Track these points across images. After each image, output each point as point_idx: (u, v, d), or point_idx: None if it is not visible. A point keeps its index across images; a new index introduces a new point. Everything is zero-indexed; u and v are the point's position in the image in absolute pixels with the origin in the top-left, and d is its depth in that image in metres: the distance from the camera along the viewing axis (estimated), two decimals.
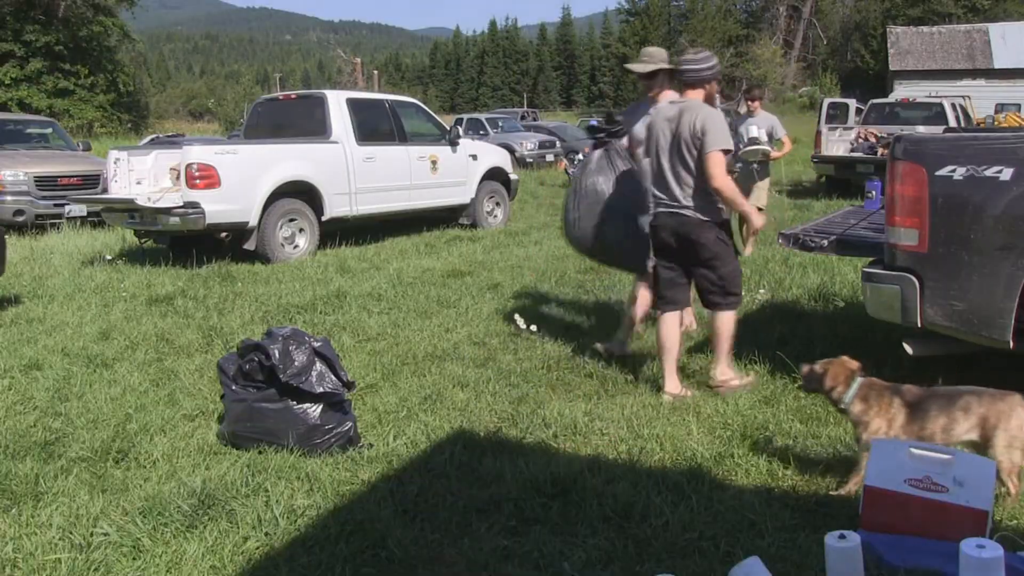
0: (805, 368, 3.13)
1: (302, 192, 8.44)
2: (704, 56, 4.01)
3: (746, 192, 7.81)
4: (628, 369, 4.34)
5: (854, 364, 3.00)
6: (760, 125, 7.91)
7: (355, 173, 8.87)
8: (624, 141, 4.60)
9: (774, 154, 7.92)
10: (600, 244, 4.48)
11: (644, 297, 4.65)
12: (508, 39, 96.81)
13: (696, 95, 3.92)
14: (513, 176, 11.18)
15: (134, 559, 2.53)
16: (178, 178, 8.04)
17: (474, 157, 10.39)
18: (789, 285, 6.18)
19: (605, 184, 4.39)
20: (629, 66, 4.64)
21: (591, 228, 4.43)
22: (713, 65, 3.98)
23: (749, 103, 8.47)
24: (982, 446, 2.75)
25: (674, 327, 4.07)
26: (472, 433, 3.52)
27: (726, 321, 4.01)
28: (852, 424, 2.97)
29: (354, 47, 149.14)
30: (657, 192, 3.99)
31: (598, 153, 4.48)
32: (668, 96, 4.45)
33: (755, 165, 7.76)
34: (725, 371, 4.02)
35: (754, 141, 7.68)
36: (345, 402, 3.42)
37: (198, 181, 7.59)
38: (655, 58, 4.51)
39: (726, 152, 3.80)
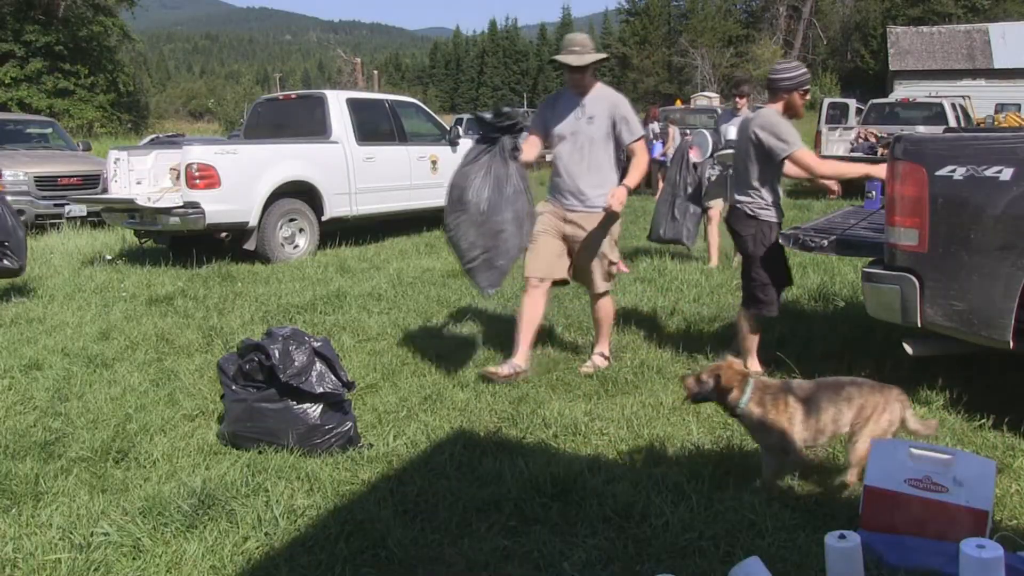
0: (689, 379, 2.94)
1: (302, 192, 8.45)
2: (785, 67, 4.10)
3: (715, 194, 7.26)
4: (628, 369, 4.34)
5: (741, 365, 2.94)
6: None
7: (355, 173, 8.88)
8: (525, 135, 4.17)
9: None
10: (455, 245, 3.97)
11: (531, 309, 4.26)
12: (508, 39, 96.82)
13: (775, 104, 4.06)
14: None
15: (134, 559, 2.53)
16: (178, 178, 8.04)
17: None
18: None
19: (475, 179, 3.83)
20: (561, 58, 4.07)
21: (450, 223, 3.93)
22: (792, 76, 4.02)
23: (736, 99, 7.54)
24: (850, 433, 2.85)
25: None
26: (472, 433, 3.52)
27: (748, 323, 4.22)
28: (750, 429, 2.91)
29: (354, 47, 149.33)
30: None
31: (481, 146, 3.91)
32: (597, 89, 4.20)
33: (730, 171, 6.66)
34: (750, 363, 4.19)
35: (731, 144, 6.68)
36: (345, 402, 3.42)
37: (198, 181, 7.59)
38: (587, 47, 4.10)
39: (802, 149, 3.97)
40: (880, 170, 3.95)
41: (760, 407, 2.82)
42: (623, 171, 4.25)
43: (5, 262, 6.00)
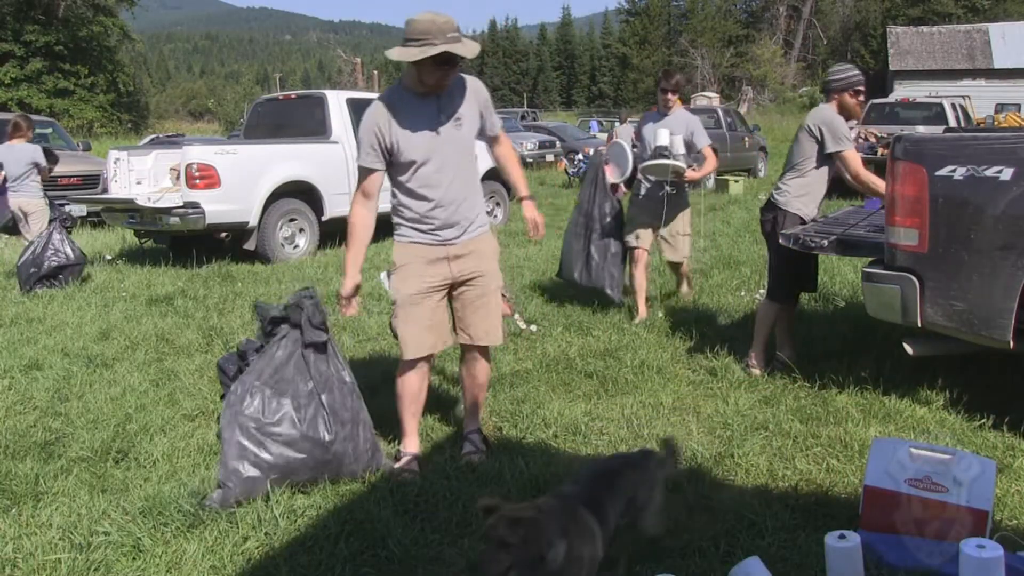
0: (493, 557, 1.94)
1: (302, 192, 8.45)
2: (835, 69, 4.26)
3: (642, 223, 5.43)
4: (628, 369, 4.34)
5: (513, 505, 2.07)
6: (674, 129, 5.20)
7: (355, 173, 8.86)
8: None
9: (691, 174, 5.12)
10: None
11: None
12: (508, 39, 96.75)
13: (829, 104, 4.18)
14: None
15: (134, 559, 2.53)
16: (178, 178, 8.05)
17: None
18: None
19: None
20: (454, 49, 2.83)
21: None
22: (840, 78, 4.15)
23: (668, 95, 5.33)
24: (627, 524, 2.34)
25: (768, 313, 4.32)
26: None
27: (762, 308, 4.37)
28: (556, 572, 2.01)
29: (354, 47, 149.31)
30: None
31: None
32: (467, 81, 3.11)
33: (668, 188, 5.24)
34: (752, 356, 4.29)
35: (660, 151, 5.08)
36: None
37: (198, 181, 7.60)
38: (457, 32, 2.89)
39: (850, 150, 4.08)
40: None
41: (565, 537, 2.05)
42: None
43: (64, 287, 6.84)
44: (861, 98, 4.20)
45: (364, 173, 3.08)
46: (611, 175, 5.66)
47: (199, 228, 7.67)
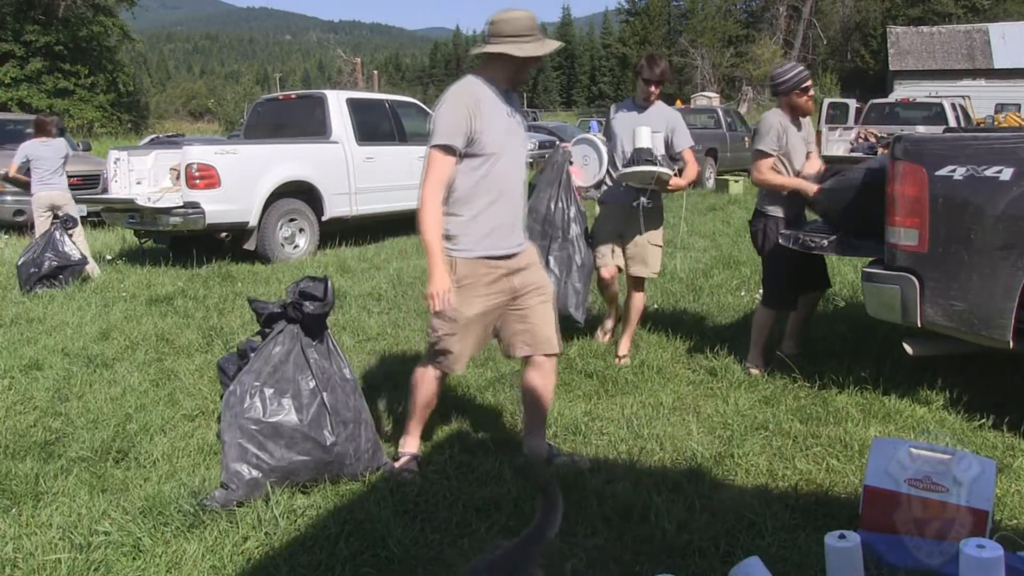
0: None
1: (302, 192, 8.45)
2: (778, 72, 4.22)
3: (609, 238, 4.58)
4: (628, 369, 4.34)
5: None
6: (655, 126, 4.33)
7: (355, 173, 8.88)
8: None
9: (676, 181, 4.30)
10: None
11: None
12: None
13: (778, 108, 4.21)
14: None
15: (134, 559, 2.53)
16: (178, 178, 8.05)
17: None
18: None
19: None
20: (553, 44, 2.99)
21: None
22: (784, 80, 4.14)
23: (651, 86, 4.34)
24: None
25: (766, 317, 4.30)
26: (471, 433, 3.52)
27: (758, 314, 4.33)
28: None
29: (354, 47, 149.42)
30: None
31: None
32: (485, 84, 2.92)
33: (644, 199, 4.34)
34: (752, 358, 4.28)
35: (644, 155, 4.20)
36: None
37: (198, 181, 7.60)
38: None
39: (763, 154, 4.10)
40: (810, 188, 4.06)
41: None
42: None
43: (64, 287, 6.88)
44: (811, 93, 4.20)
45: (445, 153, 2.80)
46: (579, 178, 4.71)
47: (199, 228, 7.67)
